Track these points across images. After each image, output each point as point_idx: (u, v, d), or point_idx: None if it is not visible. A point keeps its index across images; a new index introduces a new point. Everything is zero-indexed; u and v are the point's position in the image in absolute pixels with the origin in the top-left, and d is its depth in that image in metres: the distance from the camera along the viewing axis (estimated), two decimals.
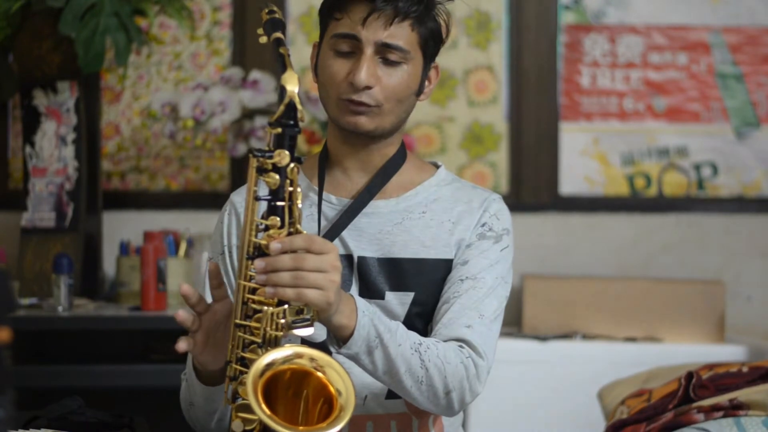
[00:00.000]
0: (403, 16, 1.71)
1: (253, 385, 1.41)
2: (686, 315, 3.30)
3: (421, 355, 1.63)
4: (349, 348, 1.58)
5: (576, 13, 3.66)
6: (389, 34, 1.70)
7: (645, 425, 2.28)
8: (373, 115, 1.73)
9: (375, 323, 1.59)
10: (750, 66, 3.67)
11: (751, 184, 3.67)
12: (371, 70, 1.70)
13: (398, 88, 1.73)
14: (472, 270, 1.75)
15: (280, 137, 1.49)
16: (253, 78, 3.28)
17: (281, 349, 1.46)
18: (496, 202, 1.83)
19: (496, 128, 3.65)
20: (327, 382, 1.45)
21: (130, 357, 3.04)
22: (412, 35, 1.73)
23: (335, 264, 1.50)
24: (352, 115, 1.72)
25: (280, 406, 1.47)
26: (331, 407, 1.44)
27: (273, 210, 1.49)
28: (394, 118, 1.75)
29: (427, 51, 1.76)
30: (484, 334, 1.71)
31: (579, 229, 3.64)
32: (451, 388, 1.66)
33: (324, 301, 1.49)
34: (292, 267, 1.47)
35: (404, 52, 1.72)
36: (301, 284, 1.47)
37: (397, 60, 1.72)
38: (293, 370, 1.46)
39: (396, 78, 1.72)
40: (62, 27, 2.97)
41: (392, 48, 1.71)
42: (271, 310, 1.49)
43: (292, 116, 1.49)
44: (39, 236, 3.14)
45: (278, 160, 1.48)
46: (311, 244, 1.48)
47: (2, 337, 1.08)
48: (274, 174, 1.48)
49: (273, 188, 1.49)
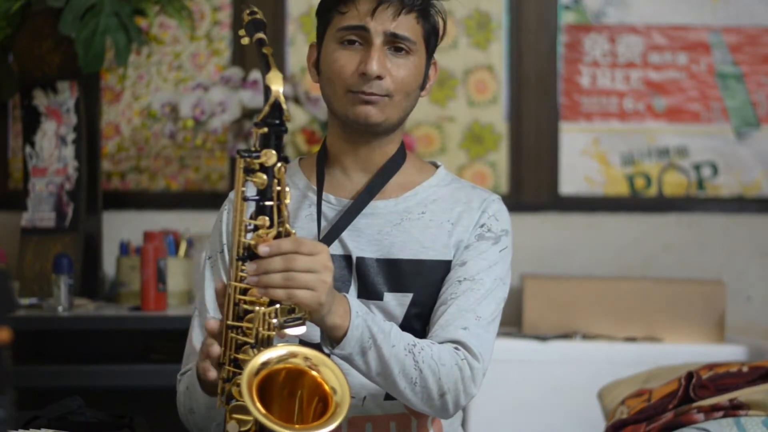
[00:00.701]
0: (409, 8, 1.73)
1: (248, 385, 1.40)
2: (686, 315, 3.30)
3: (415, 356, 1.63)
4: (342, 348, 1.58)
5: (576, 13, 3.66)
6: (397, 25, 1.72)
7: (645, 425, 2.28)
8: (382, 106, 1.73)
9: (369, 324, 1.59)
10: (750, 66, 3.67)
11: (751, 184, 3.67)
12: (382, 60, 1.72)
13: (407, 79, 1.74)
14: (470, 271, 1.75)
15: (267, 137, 1.50)
16: (253, 78, 3.28)
17: (276, 348, 1.46)
18: (495, 202, 1.82)
19: (496, 128, 3.65)
20: (322, 381, 1.45)
21: (130, 357, 3.04)
22: (417, 27, 1.75)
23: (326, 264, 1.50)
24: (363, 105, 1.73)
25: (275, 405, 1.47)
26: (327, 406, 1.44)
27: (261, 210, 1.49)
28: (400, 112, 1.76)
29: (429, 45, 1.79)
30: (480, 336, 1.71)
31: (579, 229, 3.64)
32: (445, 390, 1.66)
33: (315, 302, 1.49)
34: (283, 268, 1.47)
35: (411, 42, 1.74)
36: (292, 285, 1.47)
37: (405, 49, 1.74)
38: (288, 370, 1.46)
39: (405, 69, 1.74)
40: (62, 27, 2.97)
41: (400, 38, 1.73)
42: (263, 310, 1.49)
43: (277, 116, 1.50)
44: (39, 236, 3.14)
45: (265, 159, 1.48)
46: (299, 246, 1.48)
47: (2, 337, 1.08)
48: (262, 174, 1.48)
49: (261, 188, 1.49)
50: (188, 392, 1.71)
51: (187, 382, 1.72)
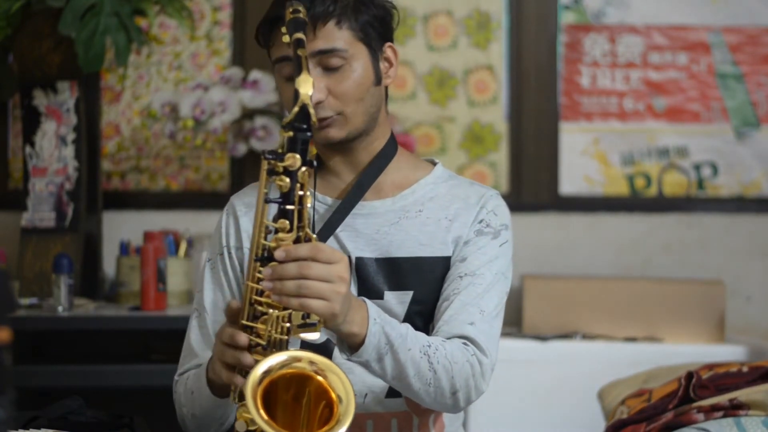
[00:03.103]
0: (324, 20, 1.68)
1: (252, 394, 1.40)
2: (686, 315, 3.30)
3: (430, 357, 1.63)
4: (360, 356, 1.58)
5: (576, 13, 3.66)
6: (318, 42, 1.68)
7: (645, 425, 2.28)
8: (339, 124, 1.72)
9: (386, 330, 1.58)
10: (750, 66, 3.67)
11: (751, 184, 3.67)
12: (316, 85, 1.64)
13: (351, 90, 1.71)
14: (470, 266, 1.75)
15: (293, 141, 1.48)
16: (253, 78, 3.28)
17: (276, 355, 1.45)
18: (494, 198, 1.82)
19: (496, 128, 3.65)
20: (327, 387, 1.45)
21: (130, 357, 3.04)
22: (342, 33, 1.70)
23: (342, 275, 1.48)
24: (319, 131, 1.71)
25: (281, 410, 1.47)
26: (332, 411, 1.44)
27: (283, 213, 1.48)
28: (362, 117, 1.73)
29: (370, 40, 1.73)
30: (486, 331, 1.71)
31: (579, 229, 3.64)
32: (457, 388, 1.66)
33: (329, 312, 1.48)
34: (297, 275, 1.46)
35: (341, 50, 1.69)
36: (305, 294, 1.46)
37: (337, 64, 1.70)
38: (293, 374, 1.46)
39: (344, 82, 1.70)
40: (62, 27, 2.96)
41: (326, 53, 1.69)
42: (276, 314, 1.49)
43: (304, 120, 1.48)
44: (39, 236, 3.14)
45: (290, 163, 1.48)
46: (317, 252, 1.47)
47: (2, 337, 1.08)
48: (285, 177, 1.48)
49: (283, 191, 1.48)
50: (192, 396, 1.70)
51: (191, 386, 1.71)
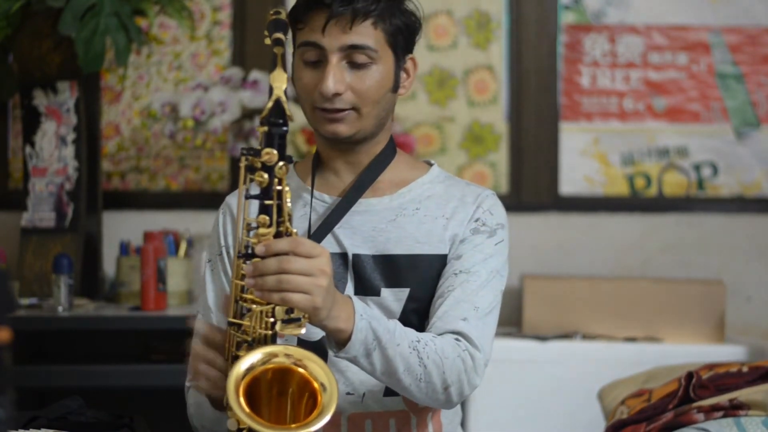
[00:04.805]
0: (363, 17, 1.70)
1: (234, 393, 1.41)
2: (686, 315, 3.30)
3: (419, 353, 1.63)
4: (347, 352, 1.58)
5: (576, 13, 3.66)
6: (352, 36, 1.69)
7: (645, 425, 2.28)
8: (351, 120, 1.73)
9: (373, 326, 1.58)
10: (750, 66, 3.67)
11: (751, 184, 3.67)
12: (338, 76, 1.69)
13: (371, 90, 1.72)
14: (465, 264, 1.75)
15: (269, 136, 1.49)
16: (253, 78, 3.28)
17: (253, 353, 1.46)
18: (490, 197, 1.83)
19: (496, 128, 3.65)
20: (309, 377, 1.45)
21: (130, 357, 3.04)
22: (376, 33, 1.71)
23: (323, 268, 1.48)
24: (330, 123, 1.73)
25: (265, 407, 1.47)
26: (316, 400, 1.44)
27: (263, 209, 1.49)
28: (373, 120, 1.75)
29: (397, 46, 1.75)
30: (479, 327, 1.71)
31: (579, 229, 3.64)
32: (449, 383, 1.66)
33: (310, 306, 1.48)
34: (277, 270, 1.46)
35: (371, 51, 1.71)
36: (285, 288, 1.46)
37: (364, 62, 1.71)
38: (273, 370, 1.46)
39: (367, 80, 1.71)
40: (62, 27, 2.97)
41: (357, 49, 1.70)
42: (260, 309, 1.49)
43: (279, 115, 1.49)
44: (39, 236, 3.14)
45: (267, 159, 1.48)
46: (297, 246, 1.47)
47: (2, 337, 1.08)
48: (263, 173, 1.49)
49: (262, 187, 1.49)
50: (198, 409, 1.71)
51: (196, 398, 1.72)
